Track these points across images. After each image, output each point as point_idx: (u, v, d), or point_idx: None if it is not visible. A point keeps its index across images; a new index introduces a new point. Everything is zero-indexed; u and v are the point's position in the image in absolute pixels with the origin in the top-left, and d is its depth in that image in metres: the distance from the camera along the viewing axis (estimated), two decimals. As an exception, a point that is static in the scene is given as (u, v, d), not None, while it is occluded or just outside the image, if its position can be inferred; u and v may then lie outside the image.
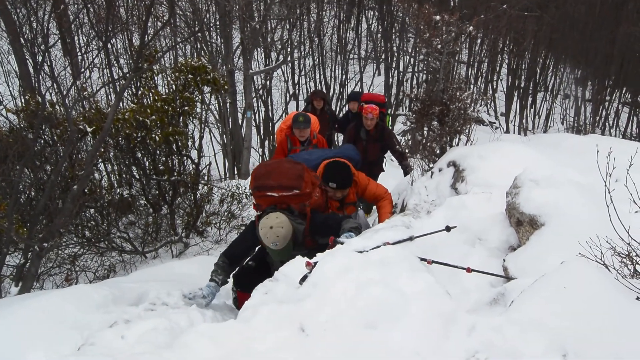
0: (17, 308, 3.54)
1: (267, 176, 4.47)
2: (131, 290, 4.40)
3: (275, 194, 4.39)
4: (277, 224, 4.19)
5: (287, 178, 4.42)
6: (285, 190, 4.38)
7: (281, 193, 4.39)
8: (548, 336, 2.34)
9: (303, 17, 21.05)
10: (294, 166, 4.59)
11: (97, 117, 8.16)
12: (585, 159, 4.73)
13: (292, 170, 4.50)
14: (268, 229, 4.17)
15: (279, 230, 4.17)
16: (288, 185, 4.39)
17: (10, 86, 15.94)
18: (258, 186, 4.49)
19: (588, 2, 23.94)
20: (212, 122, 16.28)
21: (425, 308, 2.70)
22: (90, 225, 8.33)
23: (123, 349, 3.09)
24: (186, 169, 9.07)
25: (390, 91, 22.82)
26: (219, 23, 14.40)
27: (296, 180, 4.41)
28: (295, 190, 4.39)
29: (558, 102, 24.23)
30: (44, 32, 11.32)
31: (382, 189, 5.63)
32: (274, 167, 4.59)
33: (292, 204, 4.45)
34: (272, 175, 4.45)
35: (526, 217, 3.76)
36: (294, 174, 4.45)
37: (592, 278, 2.55)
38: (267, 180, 4.44)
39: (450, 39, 7.30)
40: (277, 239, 4.17)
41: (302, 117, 6.77)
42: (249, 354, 2.62)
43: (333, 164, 5.26)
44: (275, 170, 4.51)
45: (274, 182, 4.41)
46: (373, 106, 7.31)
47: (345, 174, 5.19)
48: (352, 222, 4.41)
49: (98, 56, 15.06)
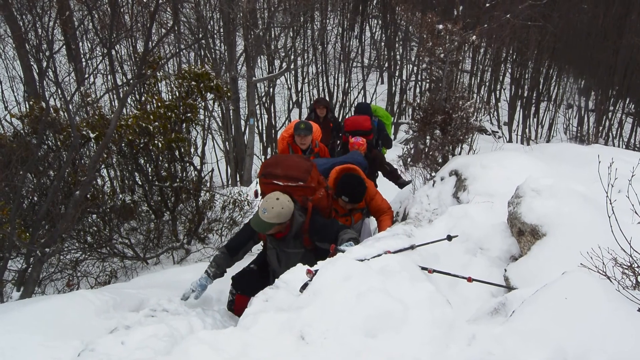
0: (18, 313, 3.54)
1: (275, 165, 4.56)
2: (132, 296, 4.40)
3: (281, 182, 4.47)
4: (281, 199, 4.27)
5: (295, 170, 4.49)
6: (291, 181, 4.45)
7: (287, 183, 4.46)
8: (549, 347, 2.33)
9: (307, 25, 21.12)
10: (304, 161, 4.66)
11: (100, 123, 8.19)
12: (587, 169, 4.75)
13: (301, 164, 4.57)
14: (273, 199, 4.26)
15: (276, 203, 4.23)
16: (294, 176, 4.45)
17: (15, 91, 16.02)
18: (265, 173, 4.57)
19: (591, 12, 23.99)
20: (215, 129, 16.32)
21: (425, 317, 2.69)
22: (92, 230, 8.34)
23: (123, 355, 3.09)
24: (188, 175, 9.07)
25: (393, 99, 22.87)
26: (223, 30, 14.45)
27: (303, 173, 4.47)
28: (300, 182, 4.45)
29: (561, 111, 24.23)
30: (48, 38, 11.35)
31: (386, 204, 5.62)
32: (284, 159, 4.72)
33: (295, 196, 4.49)
34: (281, 166, 4.54)
35: (528, 227, 3.76)
36: (303, 168, 4.52)
37: (593, 289, 2.54)
38: (275, 169, 4.52)
39: (453, 48, 7.34)
40: (272, 210, 4.20)
41: (303, 125, 6.75)
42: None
43: (348, 177, 5.27)
44: (284, 162, 4.61)
45: (281, 171, 4.49)
46: (359, 141, 7.02)
47: (360, 190, 5.21)
48: (350, 233, 4.39)
49: (102, 62, 15.10)
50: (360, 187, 5.20)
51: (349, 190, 5.15)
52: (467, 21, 14.37)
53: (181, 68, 13.70)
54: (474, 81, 24.29)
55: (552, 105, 24.57)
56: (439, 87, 7.53)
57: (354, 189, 5.17)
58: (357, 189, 5.18)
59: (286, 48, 19.31)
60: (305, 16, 19.20)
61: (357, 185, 5.19)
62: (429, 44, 7.35)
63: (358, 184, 5.20)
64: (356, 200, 5.20)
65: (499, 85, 25.40)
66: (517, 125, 22.86)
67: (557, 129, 23.29)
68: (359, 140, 6.98)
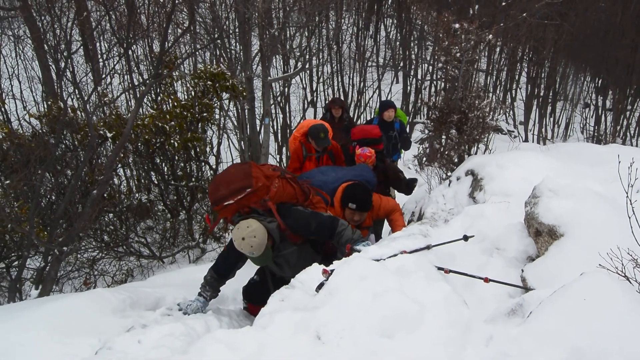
0: (36, 311, 3.58)
1: (217, 189, 4.23)
2: (148, 295, 4.43)
3: (231, 200, 4.15)
4: (248, 233, 3.98)
5: (236, 180, 4.18)
6: (238, 194, 4.13)
7: (236, 198, 4.14)
8: (566, 348, 2.31)
9: (322, 24, 21.10)
10: (240, 167, 4.38)
11: (117, 122, 8.26)
12: (605, 169, 4.70)
13: (238, 172, 4.26)
14: (240, 240, 3.99)
15: (252, 240, 3.97)
16: (238, 187, 4.14)
17: (33, 92, 16.16)
18: (213, 202, 4.27)
19: (609, 10, 23.72)
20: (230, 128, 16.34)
21: (442, 317, 2.69)
22: (109, 229, 8.42)
23: (140, 354, 3.11)
24: (204, 174, 9.12)
25: (408, 99, 22.78)
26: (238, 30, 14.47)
27: (244, 180, 4.16)
28: (248, 190, 4.13)
29: (578, 111, 24.00)
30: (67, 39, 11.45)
31: (391, 202, 5.48)
32: (220, 178, 4.36)
33: (252, 204, 4.24)
34: (221, 185, 4.22)
35: (545, 228, 3.73)
36: (241, 175, 4.22)
37: (612, 290, 2.51)
38: (217, 192, 4.20)
39: (469, 47, 7.29)
40: (251, 248, 3.98)
41: (323, 134, 6.44)
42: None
43: (354, 185, 5.09)
44: (223, 179, 4.29)
45: (225, 190, 4.17)
46: (366, 153, 6.38)
47: (367, 197, 4.99)
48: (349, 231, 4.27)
49: (119, 62, 15.20)
50: (366, 194, 5.01)
51: (354, 196, 4.93)
52: (483, 20, 14.29)
53: (197, 68, 13.77)
54: (490, 80, 24.14)
55: (568, 104, 24.35)
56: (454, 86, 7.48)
57: (360, 195, 4.95)
58: (364, 195, 4.99)
59: (301, 48, 19.29)
60: (320, 16, 19.18)
61: (363, 192, 5.02)
62: (445, 43, 7.32)
63: (364, 191, 5.02)
64: (364, 207, 4.96)
65: (515, 85, 25.21)
66: (533, 125, 22.67)
67: (573, 129, 23.07)
68: (365, 152, 6.38)
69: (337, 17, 21.62)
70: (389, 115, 8.30)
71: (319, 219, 4.36)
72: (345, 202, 4.96)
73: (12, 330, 3.30)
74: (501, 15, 17.13)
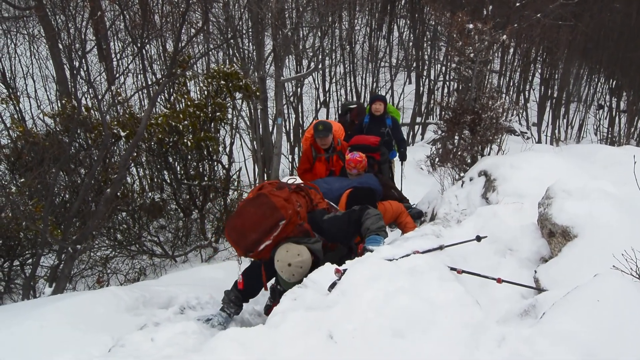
0: (49, 308, 3.61)
1: (243, 235, 3.80)
2: (161, 293, 4.45)
3: (268, 241, 3.78)
4: (297, 262, 3.70)
5: (262, 219, 3.78)
6: (273, 231, 3.77)
7: (272, 236, 3.77)
8: (580, 350, 2.30)
9: (335, 25, 21.09)
10: (256, 202, 3.90)
11: (131, 121, 8.31)
12: (619, 171, 4.67)
13: (261, 209, 3.83)
14: (286, 266, 3.71)
15: (297, 270, 3.71)
16: (271, 224, 3.77)
17: (47, 91, 16.28)
18: (246, 250, 3.85)
19: (623, 11, 23.56)
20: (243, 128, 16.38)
21: (454, 318, 2.68)
22: (122, 228, 8.47)
23: (152, 352, 3.13)
24: (217, 174, 9.16)
25: (420, 99, 22.75)
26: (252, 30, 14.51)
27: (273, 214, 3.79)
28: (282, 222, 3.78)
29: (591, 112, 23.86)
30: (81, 38, 11.53)
31: (394, 204, 5.44)
32: (241, 223, 3.85)
33: (289, 233, 3.86)
34: (247, 231, 3.79)
35: (559, 229, 3.71)
36: (266, 210, 3.80)
37: (626, 291, 2.50)
38: (247, 239, 3.78)
39: (483, 48, 7.26)
40: (293, 277, 3.72)
41: (321, 126, 6.59)
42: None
43: (358, 188, 5.12)
44: (245, 224, 3.82)
45: (254, 235, 3.76)
46: (357, 157, 6.12)
47: (371, 198, 5.02)
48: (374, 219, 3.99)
49: (133, 62, 15.28)
50: (370, 196, 5.00)
51: (359, 199, 4.89)
52: (497, 20, 14.24)
53: (210, 67, 13.81)
54: (503, 81, 24.04)
55: (582, 105, 24.21)
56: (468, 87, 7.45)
57: (363, 198, 4.90)
58: (368, 196, 4.98)
59: (314, 48, 19.30)
60: (333, 16, 19.18)
61: (367, 194, 5.02)
62: (459, 43, 7.30)
63: (367, 193, 5.02)
64: None
65: (529, 86, 25.10)
66: (546, 126, 22.56)
67: (587, 130, 22.94)
68: (355, 157, 6.12)
69: (350, 17, 21.60)
70: (376, 108, 7.95)
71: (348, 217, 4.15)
72: (350, 204, 4.92)
73: (26, 327, 3.33)
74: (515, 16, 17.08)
